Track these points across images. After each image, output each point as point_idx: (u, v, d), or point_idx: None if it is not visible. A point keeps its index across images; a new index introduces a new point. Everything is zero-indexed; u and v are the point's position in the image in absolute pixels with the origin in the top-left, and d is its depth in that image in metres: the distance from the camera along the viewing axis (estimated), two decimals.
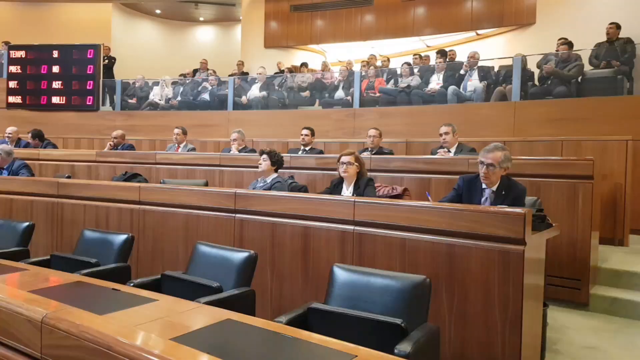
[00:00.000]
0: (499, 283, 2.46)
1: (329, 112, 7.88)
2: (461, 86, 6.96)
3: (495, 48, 9.61)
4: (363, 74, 7.90)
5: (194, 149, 6.63)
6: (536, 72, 6.74)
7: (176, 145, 6.60)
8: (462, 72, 7.11)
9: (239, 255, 2.77)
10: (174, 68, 11.48)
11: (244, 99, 8.62)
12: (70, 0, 12.23)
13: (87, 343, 1.43)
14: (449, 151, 4.73)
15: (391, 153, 5.36)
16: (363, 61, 9.08)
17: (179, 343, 1.45)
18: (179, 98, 9.32)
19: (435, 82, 7.21)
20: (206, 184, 4.98)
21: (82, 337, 1.45)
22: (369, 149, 5.36)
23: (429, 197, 3.44)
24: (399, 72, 7.75)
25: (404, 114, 7.07)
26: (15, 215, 4.30)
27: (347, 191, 3.79)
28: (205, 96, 9.07)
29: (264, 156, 4.24)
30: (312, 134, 5.87)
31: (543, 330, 2.91)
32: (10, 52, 9.76)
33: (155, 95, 9.49)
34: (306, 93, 8.48)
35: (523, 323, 2.40)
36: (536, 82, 6.72)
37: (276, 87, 8.77)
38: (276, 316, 2.18)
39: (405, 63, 7.74)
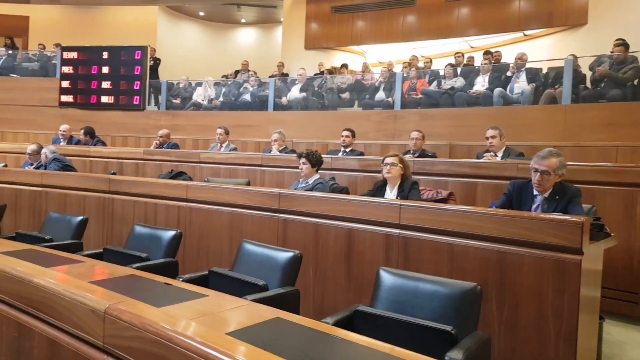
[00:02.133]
0: (553, 293, 2.38)
1: (369, 113, 7.83)
2: (508, 88, 6.78)
3: (543, 49, 9.33)
4: (405, 75, 7.81)
5: (235, 149, 6.73)
6: (588, 74, 6.50)
7: (218, 144, 6.71)
8: (508, 73, 6.93)
9: (284, 255, 2.79)
10: (217, 69, 11.70)
11: (284, 99, 8.68)
12: (119, 3, 12.64)
13: (148, 335, 1.46)
14: (496, 155, 4.62)
15: (434, 156, 5.27)
16: (404, 62, 8.99)
17: (233, 338, 1.47)
18: (221, 98, 9.48)
19: (481, 84, 7.06)
20: (248, 184, 5.04)
21: (144, 328, 1.48)
22: (412, 152, 5.29)
23: (493, 207, 3.34)
24: (442, 73, 7.63)
25: (447, 116, 6.96)
26: (69, 209, 4.47)
27: (390, 194, 3.75)
28: (246, 97, 9.19)
29: (303, 159, 4.24)
30: (353, 135, 5.85)
31: (598, 345, 2.80)
32: (64, 53, 10.16)
33: (198, 95, 9.69)
34: (346, 94, 8.46)
35: (578, 336, 2.31)
36: (588, 85, 6.47)
37: (316, 88, 8.79)
38: (318, 317, 2.18)
39: (449, 64, 7.61)
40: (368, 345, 1.61)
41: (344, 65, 10.18)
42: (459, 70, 7.52)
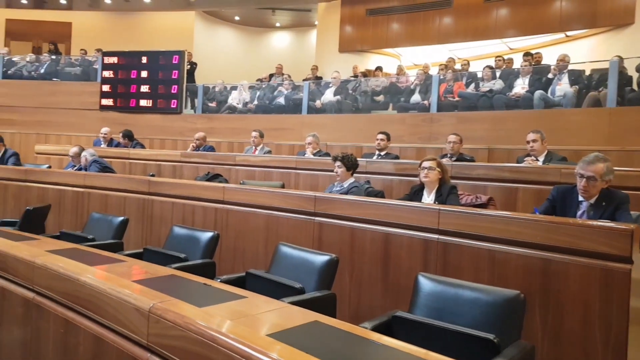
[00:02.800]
0: (600, 304, 2.28)
1: (404, 116, 7.75)
2: (549, 91, 6.59)
3: (586, 50, 9.03)
4: (441, 77, 7.70)
5: (270, 152, 6.78)
6: (635, 76, 6.24)
7: (253, 147, 6.78)
8: (550, 75, 6.73)
9: (321, 258, 2.77)
10: (251, 73, 11.83)
11: (318, 103, 8.70)
12: (157, 9, 12.95)
13: (191, 334, 1.48)
14: (537, 160, 4.49)
15: (472, 160, 5.17)
16: (441, 64, 8.87)
17: (275, 339, 1.47)
18: (255, 102, 9.57)
19: (520, 86, 6.88)
20: (282, 186, 5.07)
21: (187, 328, 1.50)
22: (449, 155, 5.20)
23: (537, 213, 3.25)
24: (479, 75, 7.49)
25: (486, 119, 6.81)
26: (110, 209, 4.60)
27: (428, 198, 3.70)
28: (281, 100, 9.26)
29: (338, 163, 4.22)
30: (388, 138, 5.80)
31: None
32: (104, 58, 10.48)
33: (233, 99, 9.82)
34: (380, 97, 8.41)
35: (628, 350, 2.21)
36: (635, 87, 6.22)
37: (350, 91, 8.77)
38: (354, 321, 2.16)
39: (487, 66, 7.46)
40: (407, 351, 1.58)
41: (379, 68, 10.12)
42: (497, 72, 7.35)
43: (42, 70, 11.00)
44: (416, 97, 7.88)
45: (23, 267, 2.17)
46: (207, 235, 3.33)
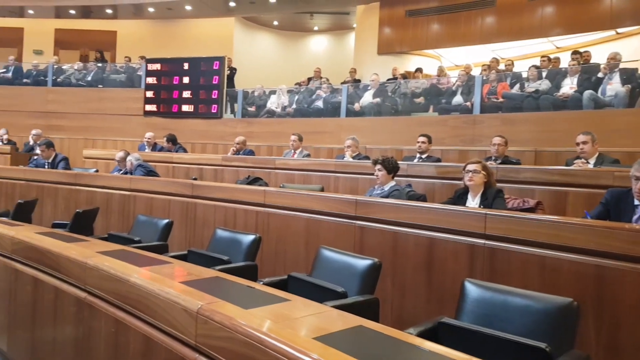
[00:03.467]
0: None
1: (446, 118, 7.62)
2: (599, 90, 6.32)
3: (638, 48, 8.62)
4: (484, 78, 7.52)
5: (308, 155, 6.80)
6: None
7: (292, 151, 6.81)
8: (600, 75, 6.47)
9: (363, 263, 2.75)
10: (290, 77, 11.92)
11: (356, 105, 8.66)
12: (198, 16, 13.24)
13: (239, 336, 1.49)
14: (588, 162, 4.31)
15: (518, 163, 5.01)
16: (483, 65, 8.65)
17: (323, 343, 1.46)
18: (294, 106, 9.64)
19: (569, 86, 6.63)
20: (322, 190, 5.06)
21: (235, 329, 1.51)
22: (493, 158, 5.06)
23: (588, 217, 3.12)
24: (524, 75, 7.27)
25: (532, 121, 6.60)
26: (154, 212, 4.71)
27: (472, 202, 3.61)
28: (319, 104, 9.28)
29: (378, 166, 4.18)
30: (429, 141, 5.71)
31: None
32: (148, 65, 10.79)
33: (272, 103, 9.91)
34: (420, 99, 8.29)
35: None
36: None
37: (389, 94, 8.70)
38: (397, 326, 2.12)
39: (533, 66, 7.23)
40: (455, 358, 1.54)
41: (419, 70, 10.01)
42: (544, 72, 7.11)
43: (89, 78, 11.43)
44: (458, 99, 7.73)
45: (76, 267, 2.25)
46: (249, 238, 3.36)
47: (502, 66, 8.67)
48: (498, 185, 3.76)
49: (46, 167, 6.55)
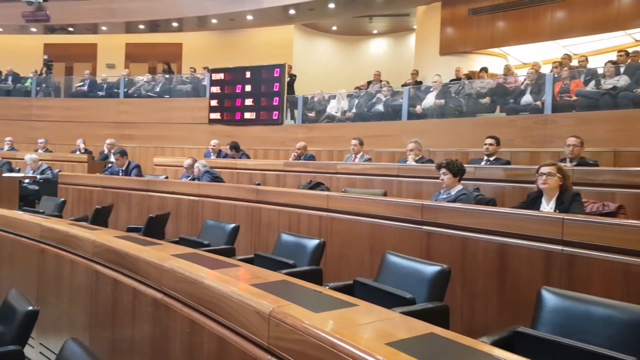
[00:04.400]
0: None
1: (514, 119, 7.32)
2: None
3: None
4: (555, 75, 7.16)
5: (370, 159, 6.76)
6: None
7: (353, 155, 6.80)
8: None
9: (431, 269, 2.68)
10: (349, 81, 11.93)
11: (418, 108, 8.52)
12: (258, 25, 13.57)
13: (311, 339, 1.49)
14: None
15: (596, 164, 4.71)
16: (554, 62, 8.23)
17: (395, 349, 1.43)
18: (354, 110, 9.63)
19: None
20: (385, 194, 5.00)
21: (307, 332, 1.51)
22: (568, 160, 4.80)
23: None
24: (600, 71, 6.85)
25: (610, 120, 6.20)
26: (221, 216, 4.85)
27: (547, 206, 3.43)
28: (379, 107, 9.21)
29: (443, 170, 4.06)
30: (498, 143, 5.50)
31: None
32: (212, 74, 11.19)
33: (332, 108, 9.96)
34: (486, 99, 8.03)
35: None
36: None
37: (453, 95, 8.49)
38: (467, 335, 2.05)
39: (609, 61, 6.80)
40: None
41: (484, 69, 9.71)
42: (622, 67, 6.67)
43: (158, 89, 12.02)
44: (527, 98, 7.40)
45: (152, 269, 2.34)
46: (313, 242, 3.38)
47: (574, 62, 8.21)
48: (574, 189, 3.55)
49: (120, 174, 6.93)
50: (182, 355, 2.11)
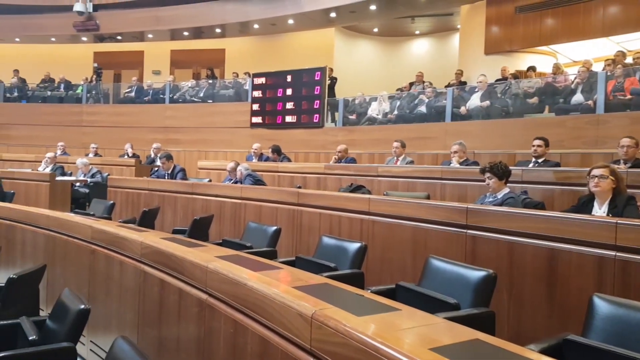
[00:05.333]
0: None
1: (564, 119, 7.06)
2: None
3: None
4: (608, 73, 6.86)
5: (412, 162, 6.67)
6: None
7: (395, 158, 6.73)
8: None
9: (477, 274, 2.62)
10: (391, 83, 11.85)
11: (462, 109, 8.35)
12: (299, 29, 13.67)
13: (353, 342, 1.48)
14: None
15: None
16: (607, 59, 7.88)
17: (439, 355, 1.40)
18: (395, 112, 9.54)
19: None
20: (428, 197, 4.93)
21: (349, 336, 1.50)
22: (622, 161, 4.58)
23: None
24: None
25: None
26: (263, 219, 4.91)
27: (599, 210, 3.29)
28: (422, 108, 9.09)
29: (487, 174, 3.95)
30: (546, 144, 5.31)
31: None
32: (254, 79, 11.36)
33: (373, 110, 9.91)
34: (534, 99, 7.78)
35: None
36: None
37: (499, 95, 8.27)
38: (514, 342, 1.99)
39: None
40: None
41: (531, 68, 9.43)
42: None
43: (201, 94, 12.32)
44: (578, 97, 7.13)
45: (198, 271, 2.40)
46: (355, 245, 3.36)
47: (629, 59, 7.83)
48: (629, 192, 3.39)
49: (166, 177, 7.14)
50: (226, 355, 2.14)
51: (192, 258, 2.47)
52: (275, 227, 4.06)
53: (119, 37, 14.83)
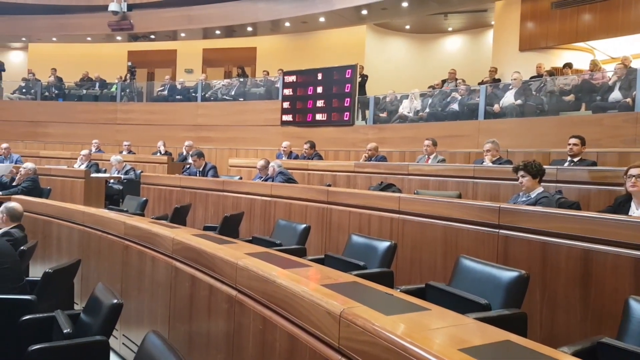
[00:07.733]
0: None
1: (601, 117, 6.85)
2: None
3: None
4: None
5: (443, 160, 6.59)
6: None
7: (426, 156, 6.66)
8: None
9: (509, 274, 2.59)
10: (423, 80, 11.70)
11: (496, 107, 8.19)
12: (330, 27, 13.65)
13: (381, 341, 1.49)
14: None
15: None
16: None
17: (469, 356, 1.39)
18: (427, 110, 9.43)
19: None
20: (459, 196, 4.86)
21: (377, 335, 1.51)
22: None
23: None
24: None
25: None
26: (293, 217, 4.94)
27: (637, 211, 3.19)
28: (454, 106, 8.96)
29: (521, 172, 3.88)
30: (583, 143, 5.17)
31: None
32: (285, 77, 11.41)
33: (404, 108, 9.82)
34: (570, 97, 7.57)
35: None
36: None
37: (534, 92, 8.08)
38: (546, 344, 1.95)
39: None
40: None
41: (567, 65, 9.17)
42: None
43: (233, 92, 12.46)
44: (616, 95, 6.91)
45: (228, 267, 2.44)
46: (384, 244, 3.35)
47: None
48: None
49: (198, 175, 7.27)
50: (255, 351, 2.18)
51: (222, 255, 2.52)
52: (304, 225, 4.08)
53: (152, 36, 15.15)
